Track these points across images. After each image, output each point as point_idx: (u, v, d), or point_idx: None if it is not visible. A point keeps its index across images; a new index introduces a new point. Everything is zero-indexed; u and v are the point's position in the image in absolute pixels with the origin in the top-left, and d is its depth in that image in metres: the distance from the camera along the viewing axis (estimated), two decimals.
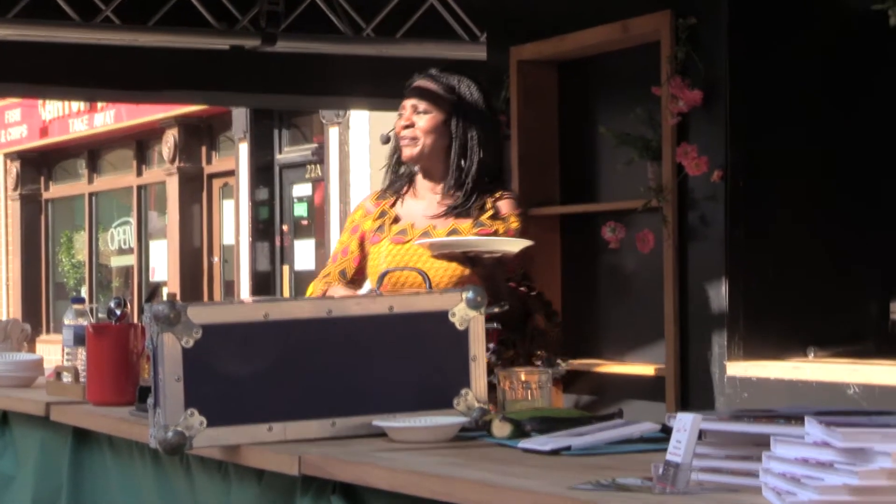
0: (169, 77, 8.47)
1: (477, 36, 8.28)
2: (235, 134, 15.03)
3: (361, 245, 4.02)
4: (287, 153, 14.82)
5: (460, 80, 3.98)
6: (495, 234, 3.86)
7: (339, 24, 8.21)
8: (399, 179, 4.04)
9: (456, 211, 3.89)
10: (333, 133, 13.52)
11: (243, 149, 14.84)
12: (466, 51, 8.15)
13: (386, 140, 4.08)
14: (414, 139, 3.93)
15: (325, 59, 8.51)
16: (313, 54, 8.43)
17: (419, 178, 4.00)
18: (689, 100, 5.66)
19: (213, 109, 14.98)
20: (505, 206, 3.92)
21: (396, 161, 4.04)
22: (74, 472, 3.85)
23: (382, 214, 4.01)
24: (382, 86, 8.81)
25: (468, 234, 3.82)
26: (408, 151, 3.95)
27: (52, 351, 13.84)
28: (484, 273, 3.65)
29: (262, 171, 14.84)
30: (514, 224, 3.90)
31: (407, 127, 3.95)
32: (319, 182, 14.14)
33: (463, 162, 3.90)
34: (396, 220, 3.97)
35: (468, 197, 3.89)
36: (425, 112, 3.93)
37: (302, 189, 14.62)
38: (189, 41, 8.08)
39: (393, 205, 4.01)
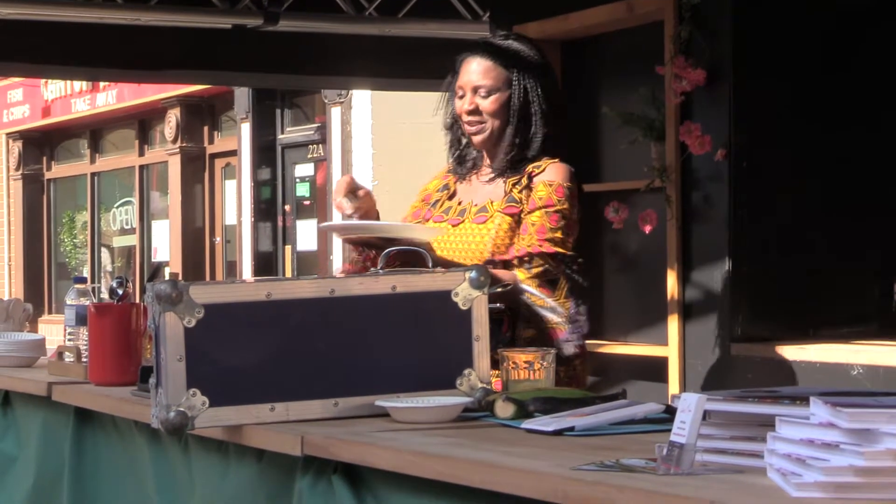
0: (171, 56, 8.45)
1: (480, 15, 8.25)
2: (237, 114, 15.01)
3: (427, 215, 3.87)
4: (289, 133, 14.80)
5: (517, 49, 3.77)
6: (520, 210, 3.67)
7: (341, 3, 8.18)
8: (464, 163, 3.85)
9: (503, 180, 3.70)
10: (335, 113, 13.50)
11: (245, 129, 14.82)
12: (469, 30, 8.12)
13: (450, 125, 3.86)
14: (482, 123, 3.74)
15: (328, 38, 8.49)
16: (316, 33, 8.40)
17: (484, 158, 3.82)
18: (692, 79, 5.64)
19: (216, 89, 14.96)
20: (544, 174, 3.68)
21: (465, 145, 3.84)
22: (76, 452, 3.85)
23: (445, 188, 3.87)
24: (385, 65, 8.79)
25: (499, 210, 3.69)
26: (478, 138, 3.75)
27: (54, 331, 13.84)
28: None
29: (265, 151, 14.82)
30: (542, 192, 3.66)
31: (472, 112, 3.75)
32: (322, 162, 14.12)
33: (520, 139, 3.71)
34: (452, 196, 3.83)
35: (519, 167, 3.70)
36: (488, 93, 3.73)
37: (304, 169, 14.60)
38: (191, 20, 8.06)
39: (457, 181, 3.85)
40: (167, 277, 3.14)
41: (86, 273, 18.29)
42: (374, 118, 12.99)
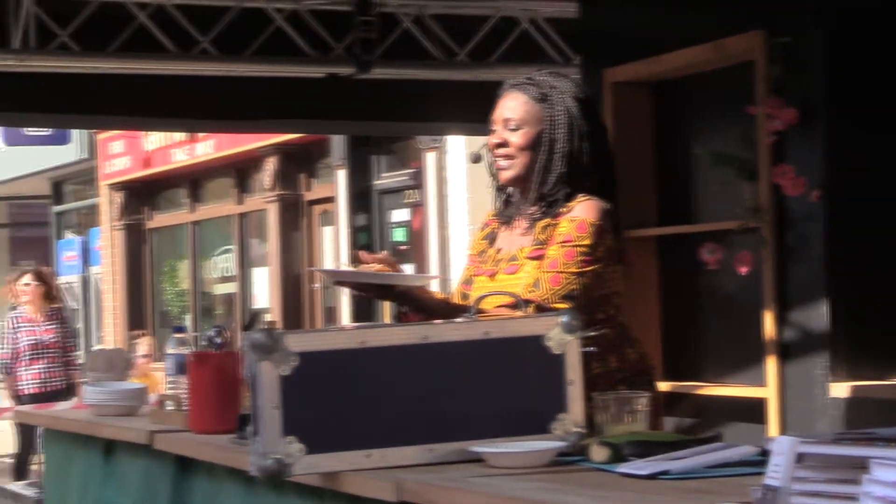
0: (266, 106, 8.56)
1: (570, 58, 8.28)
2: (333, 161, 15.12)
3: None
4: (385, 179, 14.89)
5: (553, 86, 3.67)
6: (542, 253, 3.58)
7: (432, 49, 8.25)
8: (509, 205, 3.75)
9: (536, 226, 3.60)
10: (430, 158, 13.56)
11: (341, 175, 14.93)
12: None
13: (476, 158, 3.82)
14: (509, 158, 3.66)
15: (420, 84, 8.55)
16: (408, 80, 8.48)
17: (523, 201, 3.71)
18: (785, 119, 5.62)
19: (311, 137, 15.08)
20: (572, 212, 3.59)
21: (499, 185, 3.76)
22: (176, 499, 3.89)
23: (490, 235, 3.80)
24: (477, 110, 8.76)
25: (528, 256, 3.60)
26: (505, 174, 3.69)
27: (157, 379, 14.00)
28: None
29: (361, 197, 14.91)
30: (563, 229, 3.57)
31: (500, 145, 3.68)
32: (417, 207, 14.19)
33: (547, 177, 3.62)
34: (493, 241, 3.77)
35: (551, 211, 3.61)
36: (517, 127, 3.65)
37: (400, 214, 14.67)
38: (285, 70, 8.17)
39: (500, 227, 3.78)
40: (264, 325, 3.18)
41: (187, 321, 18.47)
42: (469, 163, 13.02)
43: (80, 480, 4.32)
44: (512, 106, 3.68)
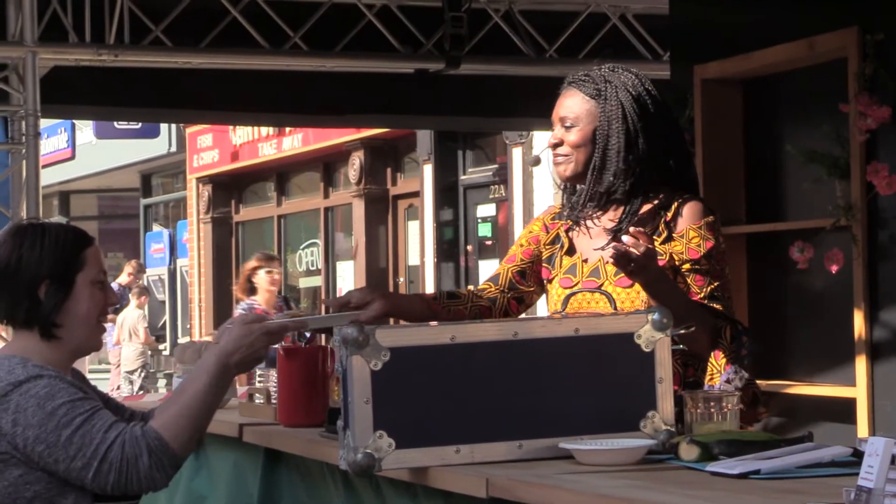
0: (354, 101, 8.61)
1: (660, 55, 8.25)
2: (420, 155, 15.17)
3: (533, 259, 3.72)
4: (471, 174, 14.91)
5: (608, 81, 3.58)
6: (670, 259, 3.47)
7: (521, 45, 8.25)
8: (573, 204, 3.65)
9: (619, 234, 3.46)
10: (517, 153, 13.56)
11: (428, 170, 14.97)
12: (650, 70, 8.09)
13: (535, 161, 3.77)
14: (566, 156, 3.58)
15: (509, 80, 8.56)
16: (496, 76, 8.49)
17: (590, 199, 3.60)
18: (877, 117, 5.56)
19: (398, 132, 15.14)
20: (683, 219, 3.51)
21: (563, 186, 3.69)
22: (265, 492, 3.93)
23: (556, 240, 3.69)
24: None
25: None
26: (560, 170, 3.60)
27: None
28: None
29: (447, 192, 14.94)
30: (695, 239, 3.48)
31: (556, 145, 3.60)
32: (503, 202, 14.19)
33: (603, 175, 3.54)
34: (570, 251, 3.65)
35: (630, 215, 3.52)
36: (572, 125, 3.58)
37: (486, 209, 14.69)
38: (374, 65, 8.21)
39: (569, 230, 3.68)
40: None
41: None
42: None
43: None
44: (568, 104, 3.61)
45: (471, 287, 3.92)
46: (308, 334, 3.95)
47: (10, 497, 3.04)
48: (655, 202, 3.55)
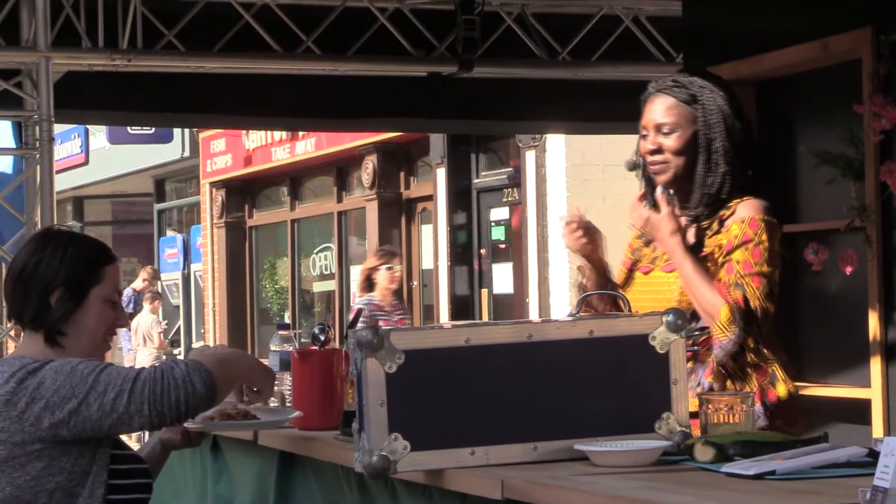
0: (367, 105, 8.60)
1: (673, 57, 8.24)
2: (433, 159, 15.17)
3: (631, 266, 3.87)
4: (484, 177, 14.90)
5: (701, 86, 3.69)
6: (710, 256, 3.60)
7: (534, 48, 8.25)
8: (655, 207, 3.73)
9: (696, 226, 3.63)
10: (530, 157, 13.56)
11: (441, 174, 14.97)
12: (663, 72, 8.10)
13: (633, 167, 3.81)
14: (665, 163, 3.67)
15: (522, 83, 8.56)
16: (509, 79, 8.48)
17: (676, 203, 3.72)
18: (891, 117, 5.56)
19: (411, 135, 15.14)
20: (736, 214, 3.61)
21: (652, 188, 3.76)
22: (281, 495, 3.93)
23: (642, 235, 3.83)
24: (578, 109, 8.82)
25: (692, 260, 3.59)
26: (661, 177, 3.69)
27: None
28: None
29: (460, 196, 14.94)
30: (735, 232, 3.59)
31: (655, 151, 3.69)
32: (517, 206, 14.19)
33: (709, 178, 3.64)
34: (650, 241, 3.79)
35: (711, 211, 3.64)
36: (671, 131, 3.67)
37: (499, 213, 14.68)
38: (387, 69, 8.21)
39: None
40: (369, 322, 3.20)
41: (287, 318, 18.61)
42: (569, 161, 13.01)
43: (195, 477, 4.38)
44: (662, 110, 3.69)
45: None
46: (322, 337, 3.96)
47: (33, 491, 3.06)
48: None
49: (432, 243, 15.36)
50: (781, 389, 3.65)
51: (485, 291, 14.69)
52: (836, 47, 5.91)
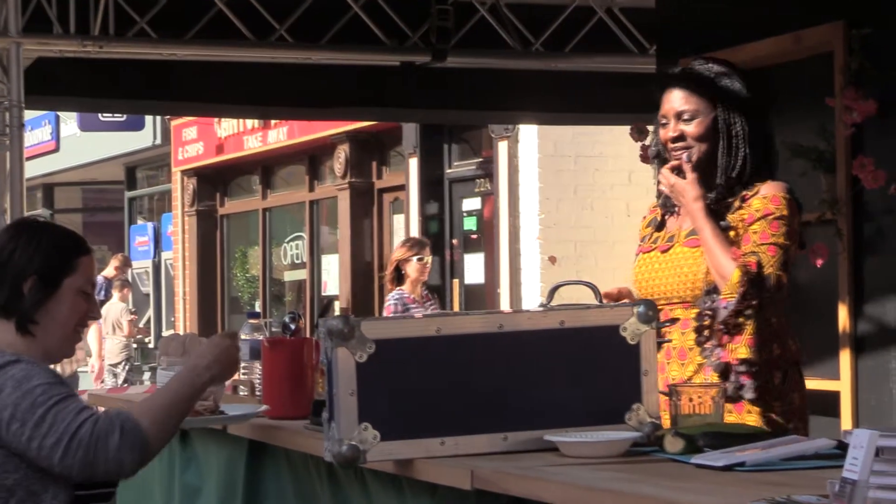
0: (340, 94, 8.59)
1: (646, 48, 8.25)
2: (405, 149, 15.15)
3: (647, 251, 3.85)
4: (456, 168, 14.89)
5: (718, 72, 3.72)
6: (734, 230, 3.60)
7: (508, 38, 8.24)
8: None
9: (713, 207, 3.63)
10: (502, 147, 13.55)
11: (413, 164, 14.95)
12: (636, 63, 8.12)
13: (656, 154, 3.81)
14: (688, 149, 3.68)
15: (495, 73, 8.55)
16: (482, 69, 8.48)
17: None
18: (863, 111, 5.57)
19: (384, 125, 15.12)
20: (758, 195, 3.62)
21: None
22: (250, 484, 3.92)
23: (654, 222, 3.83)
24: (551, 100, 8.82)
25: (712, 225, 3.59)
26: (685, 165, 3.67)
27: None
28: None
29: (432, 186, 14.92)
30: (756, 206, 3.61)
31: (677, 139, 3.70)
32: (489, 196, 14.18)
33: (731, 162, 3.65)
34: (660, 226, 3.79)
35: (730, 193, 3.64)
36: (692, 117, 3.68)
37: (471, 203, 14.67)
38: (360, 58, 8.20)
39: (666, 213, 3.80)
40: (337, 312, 3.19)
41: (257, 307, 18.58)
42: (541, 152, 13.01)
43: (161, 466, 4.36)
44: (681, 97, 3.71)
45: None
46: (293, 326, 3.95)
47: None
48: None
49: (404, 233, 15.33)
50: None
51: (456, 282, 14.69)
52: (808, 40, 5.93)
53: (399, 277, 9.09)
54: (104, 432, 3.01)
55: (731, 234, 3.62)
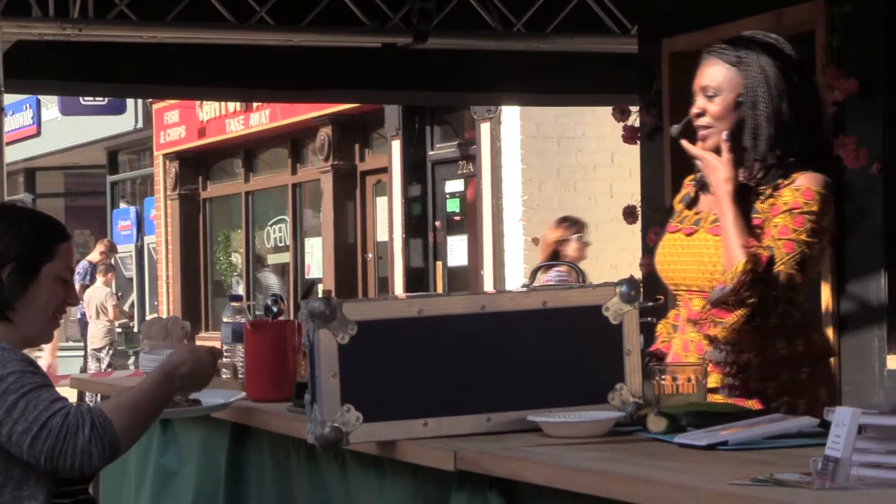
0: (322, 76, 8.57)
1: (628, 29, 8.23)
2: (388, 131, 15.14)
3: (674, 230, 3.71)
4: (439, 150, 14.88)
5: (748, 49, 3.57)
6: (763, 219, 3.47)
7: (489, 19, 8.22)
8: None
9: (741, 191, 3.49)
10: (485, 129, 13.54)
11: (396, 146, 14.94)
12: (618, 44, 8.10)
13: (678, 133, 3.69)
14: (709, 127, 3.56)
15: (476, 55, 8.53)
16: (464, 50, 8.46)
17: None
18: (844, 89, 5.57)
19: (366, 107, 15.10)
20: (793, 183, 3.48)
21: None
22: (233, 466, 3.91)
23: (686, 198, 3.70)
24: (533, 81, 8.81)
25: (735, 211, 3.47)
26: (707, 143, 3.57)
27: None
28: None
29: (415, 168, 14.91)
30: (786, 199, 3.47)
31: (699, 115, 3.58)
32: (471, 178, 14.18)
33: (755, 143, 3.51)
34: (691, 204, 3.66)
35: (762, 174, 3.50)
36: (714, 94, 3.55)
37: (454, 185, 14.67)
38: (341, 40, 8.17)
39: (700, 188, 3.66)
40: (320, 295, 3.18)
41: (240, 290, 18.56)
42: (524, 133, 13.01)
43: (139, 449, 4.35)
44: (710, 73, 3.59)
45: None
46: (275, 309, 3.94)
47: None
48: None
49: (387, 215, 15.33)
50: None
51: (439, 264, 14.69)
52: (790, 19, 5.92)
53: (554, 257, 8.46)
54: (75, 425, 3.01)
55: (757, 230, 3.48)
